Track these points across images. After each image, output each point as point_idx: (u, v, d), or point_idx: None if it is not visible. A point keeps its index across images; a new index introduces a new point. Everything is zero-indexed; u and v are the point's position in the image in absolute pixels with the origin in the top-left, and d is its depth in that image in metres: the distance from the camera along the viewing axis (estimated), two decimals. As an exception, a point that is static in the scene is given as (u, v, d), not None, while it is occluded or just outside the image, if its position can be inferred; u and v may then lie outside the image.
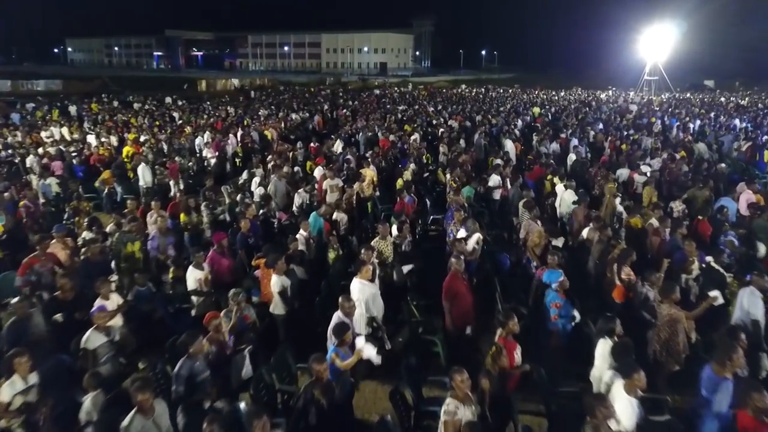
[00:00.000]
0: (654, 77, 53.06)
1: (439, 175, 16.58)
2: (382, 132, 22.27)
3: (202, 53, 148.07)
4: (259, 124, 24.61)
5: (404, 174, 14.50)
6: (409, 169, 14.86)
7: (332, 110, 34.50)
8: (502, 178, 13.85)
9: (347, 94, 51.65)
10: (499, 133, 23.94)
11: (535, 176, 15.29)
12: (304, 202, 12.39)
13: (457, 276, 7.37)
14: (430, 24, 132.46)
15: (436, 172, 16.70)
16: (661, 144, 21.36)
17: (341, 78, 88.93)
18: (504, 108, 35.62)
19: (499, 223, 13.80)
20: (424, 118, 29.20)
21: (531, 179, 15.27)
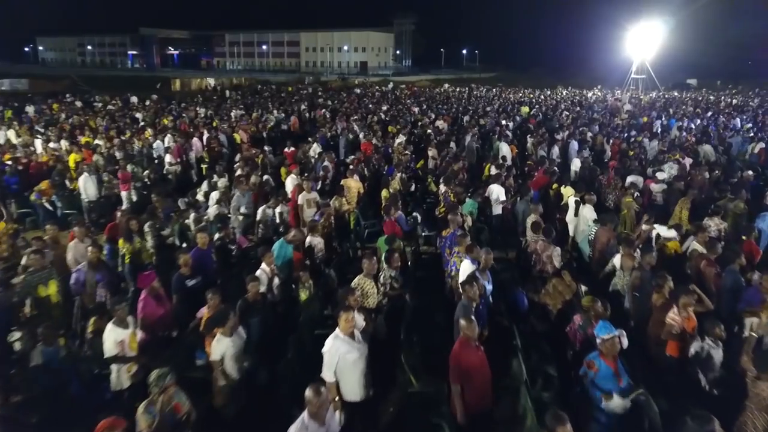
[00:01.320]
0: (641, 76, 51.81)
1: (429, 182, 14.73)
2: (364, 134, 20.33)
3: (178, 52, 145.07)
4: (228, 125, 22.44)
5: (391, 184, 12.59)
6: (397, 178, 12.93)
7: (310, 110, 32.38)
8: (504, 188, 12.01)
9: (327, 94, 49.52)
10: (489, 134, 22.16)
11: (539, 185, 13.49)
12: (269, 220, 10.38)
13: (468, 345, 5.39)
14: (411, 23, 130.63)
15: (425, 181, 14.84)
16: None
17: (321, 77, 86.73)
18: (491, 107, 33.86)
19: (500, 241, 11.98)
20: (408, 118, 27.29)
21: (534, 188, 13.45)
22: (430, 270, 9.97)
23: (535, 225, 9.08)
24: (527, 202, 10.70)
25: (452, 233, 8.54)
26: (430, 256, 11.49)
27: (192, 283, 7.23)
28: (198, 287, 7.15)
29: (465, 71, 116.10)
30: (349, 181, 12.20)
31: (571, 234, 11.31)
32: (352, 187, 12.08)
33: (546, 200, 13.26)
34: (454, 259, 7.96)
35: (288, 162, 14.80)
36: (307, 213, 10.42)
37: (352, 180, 12.26)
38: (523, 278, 8.76)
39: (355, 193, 12.09)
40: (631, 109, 34.35)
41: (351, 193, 12.04)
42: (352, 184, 12.13)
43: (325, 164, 14.30)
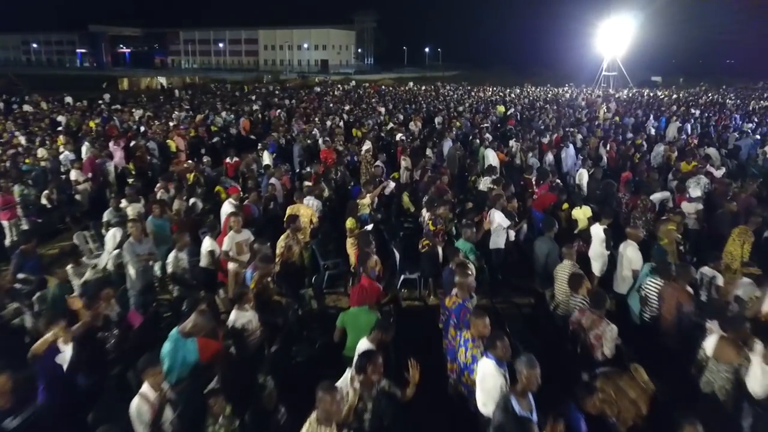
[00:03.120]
0: (612, 73, 50.17)
1: (404, 201, 11.80)
2: (324, 139, 17.26)
3: (130, 50, 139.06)
4: (161, 130, 19.00)
5: (360, 205, 9.62)
6: (366, 199, 9.94)
7: (264, 111, 29.02)
8: (505, 213, 9.14)
9: (284, 92, 46.10)
10: (468, 138, 19.39)
11: (543, 205, 10.70)
12: (187, 271, 7.26)
13: None
14: (372, 20, 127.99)
15: (399, 198, 11.93)
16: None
17: (280, 76, 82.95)
18: (464, 107, 31.13)
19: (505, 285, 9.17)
20: (375, 120, 24.27)
21: (537, 209, 10.67)
22: (416, 331, 7.00)
23: (574, 280, 6.22)
24: (551, 240, 7.79)
25: (460, 304, 5.60)
26: (414, 309, 8.56)
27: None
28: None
29: (428, 69, 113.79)
30: (299, 208, 9.17)
31: (596, 273, 8.56)
32: (303, 213, 9.06)
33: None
34: (469, 354, 4.99)
35: (230, 177, 11.59)
36: (234, 269, 7.33)
37: (301, 205, 9.23)
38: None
39: (307, 221, 9.07)
40: (613, 107, 32.14)
41: (302, 220, 9.05)
42: (302, 211, 9.11)
43: (272, 182, 11.19)
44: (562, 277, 6.56)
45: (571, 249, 6.85)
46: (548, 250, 7.46)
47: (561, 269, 6.73)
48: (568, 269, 6.61)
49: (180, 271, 7.21)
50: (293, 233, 7.63)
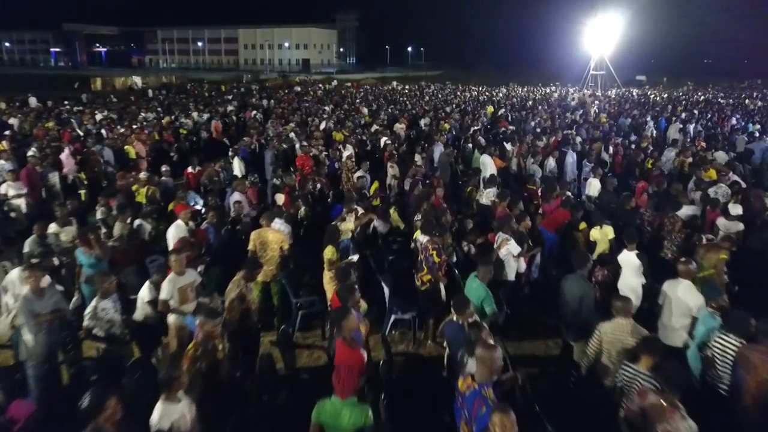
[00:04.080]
0: (600, 72, 49.02)
1: (392, 216, 10.17)
2: (302, 143, 15.56)
3: (106, 49, 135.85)
4: (118, 134, 17.12)
5: (342, 229, 7.97)
6: (349, 224, 8.29)
7: (239, 112, 27.17)
8: (515, 237, 7.56)
9: (261, 92, 44.15)
10: (459, 142, 17.84)
11: (556, 224, 9.15)
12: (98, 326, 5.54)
13: None
14: (354, 18, 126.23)
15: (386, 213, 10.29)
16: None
17: (260, 75, 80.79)
18: (451, 108, 29.58)
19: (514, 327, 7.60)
20: (357, 121, 22.59)
21: (548, 229, 9.12)
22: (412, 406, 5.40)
23: (644, 348, 4.62)
24: (584, 280, 6.16)
25: (475, 391, 3.97)
26: (407, 365, 6.95)
27: None
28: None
29: (411, 69, 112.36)
30: (265, 233, 7.50)
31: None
32: (271, 240, 7.40)
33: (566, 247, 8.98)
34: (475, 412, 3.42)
35: (182, 195, 9.79)
36: (177, 322, 5.65)
37: (269, 230, 7.55)
38: None
39: (276, 249, 7.41)
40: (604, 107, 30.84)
41: (269, 249, 7.39)
42: (270, 237, 7.44)
43: (235, 197, 9.48)
44: (613, 339, 4.99)
45: (627, 305, 5.23)
46: (582, 294, 5.86)
47: (613, 329, 5.11)
48: (627, 332, 5.00)
49: (103, 325, 5.49)
50: (247, 278, 5.90)
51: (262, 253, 7.32)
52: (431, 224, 7.31)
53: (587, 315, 5.58)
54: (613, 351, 5.01)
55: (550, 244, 8.98)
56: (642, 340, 4.82)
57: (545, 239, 8.97)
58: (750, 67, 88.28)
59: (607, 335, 5.11)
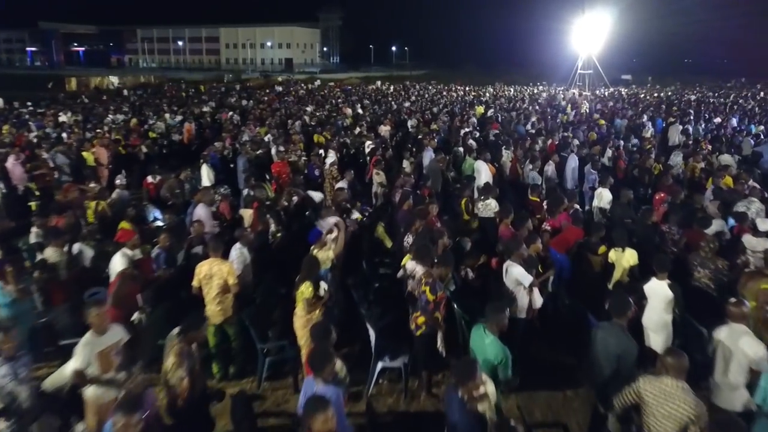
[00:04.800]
0: (588, 71, 48.17)
1: (378, 232, 8.93)
2: (278, 148, 14.21)
3: (84, 49, 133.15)
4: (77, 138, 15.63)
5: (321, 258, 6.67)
6: (329, 252, 6.97)
7: (216, 113, 25.67)
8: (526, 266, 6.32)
9: (244, 92, 42.63)
10: (449, 145, 16.61)
11: (567, 244, 7.94)
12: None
13: None
14: (338, 18, 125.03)
15: (373, 230, 9.03)
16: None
17: (241, 75, 79.05)
18: (438, 108, 28.37)
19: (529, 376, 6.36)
20: (340, 123, 21.26)
21: (558, 250, 7.90)
22: None
23: None
24: (623, 332, 4.85)
25: None
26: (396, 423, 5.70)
27: None
28: None
29: (395, 69, 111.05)
30: (209, 267, 6.20)
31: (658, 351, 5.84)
32: (215, 273, 6.12)
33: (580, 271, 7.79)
34: None
35: (132, 212, 8.39)
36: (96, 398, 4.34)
37: (214, 262, 6.25)
38: None
39: (219, 285, 6.13)
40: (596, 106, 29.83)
41: (214, 285, 6.11)
42: (215, 270, 6.16)
43: (197, 214, 8.14)
44: (655, 401, 3.78)
45: (680, 362, 4.01)
46: (622, 351, 4.59)
47: (659, 392, 3.90)
48: (678, 399, 3.80)
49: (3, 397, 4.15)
50: (189, 340, 4.56)
51: (207, 290, 6.04)
52: (428, 252, 6.04)
53: (628, 378, 4.35)
54: (656, 413, 3.83)
55: (560, 268, 7.75)
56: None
57: (554, 262, 7.75)
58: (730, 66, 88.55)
59: (648, 395, 3.92)
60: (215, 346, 6.33)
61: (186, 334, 4.42)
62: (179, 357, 4.34)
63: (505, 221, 8.04)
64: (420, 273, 6.12)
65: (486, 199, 9.81)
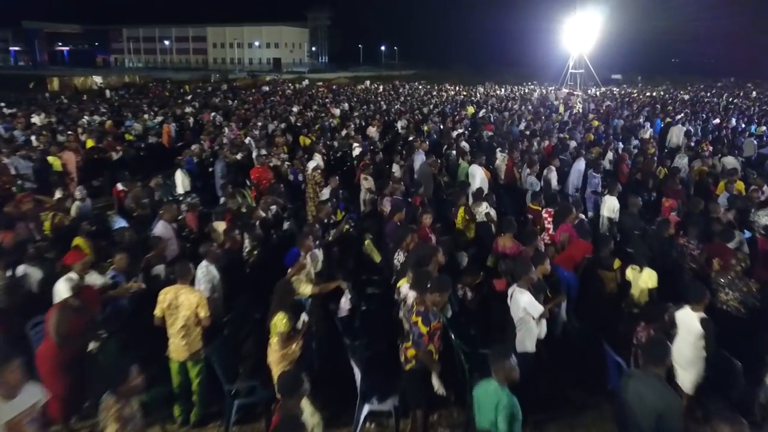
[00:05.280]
0: (579, 70, 47.52)
1: (366, 246, 8.09)
2: (260, 152, 13.32)
3: (68, 48, 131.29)
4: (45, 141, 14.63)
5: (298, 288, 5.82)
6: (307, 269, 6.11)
7: (198, 114, 24.64)
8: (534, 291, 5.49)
9: (226, 93, 41.56)
10: (440, 147, 15.82)
11: (574, 260, 7.14)
12: None
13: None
14: (326, 17, 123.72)
15: (360, 241, 8.20)
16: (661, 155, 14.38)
17: (228, 75, 77.75)
18: (428, 109, 27.54)
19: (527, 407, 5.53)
20: (327, 125, 20.38)
21: (566, 267, 7.10)
22: None
23: None
24: (661, 383, 3.97)
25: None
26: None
27: None
28: None
29: (385, 68, 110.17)
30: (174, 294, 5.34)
31: (687, 390, 5.08)
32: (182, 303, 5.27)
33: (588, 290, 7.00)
34: None
35: (87, 228, 7.46)
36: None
37: (181, 289, 5.38)
38: None
39: (189, 317, 5.26)
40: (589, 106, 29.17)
41: (180, 317, 5.25)
42: (182, 298, 5.29)
43: (157, 231, 7.23)
44: None
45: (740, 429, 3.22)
46: (663, 408, 3.72)
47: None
48: None
49: None
50: (124, 393, 3.65)
51: (172, 322, 5.18)
52: (424, 278, 5.17)
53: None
54: None
55: (566, 286, 6.96)
56: None
57: (561, 281, 6.95)
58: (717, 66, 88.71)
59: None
60: (178, 386, 5.47)
61: (120, 392, 3.55)
62: (120, 423, 3.48)
63: (508, 235, 7.22)
64: (411, 299, 5.29)
65: (479, 206, 9.02)
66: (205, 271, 6.09)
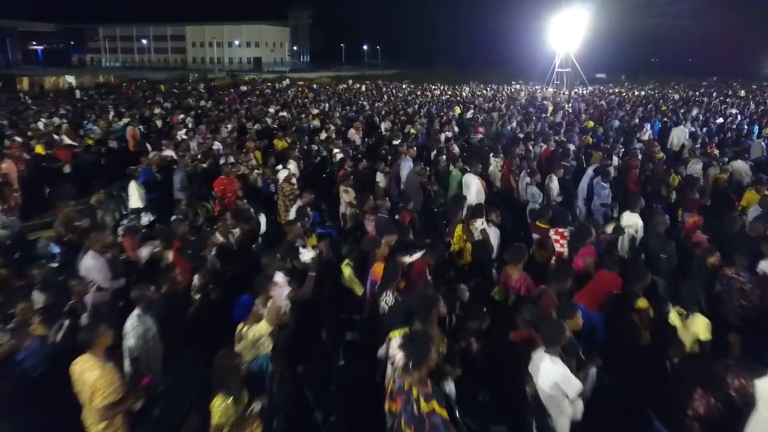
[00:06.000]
0: (566, 69, 46.54)
1: (345, 276, 6.73)
2: (228, 159, 11.87)
3: (43, 47, 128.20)
4: None
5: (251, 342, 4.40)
6: (263, 324, 4.69)
7: (168, 115, 23.00)
8: (566, 355, 4.15)
9: (206, 92, 39.88)
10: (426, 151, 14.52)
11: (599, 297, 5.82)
12: None
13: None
14: (307, 16, 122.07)
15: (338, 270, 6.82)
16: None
17: (207, 74, 75.74)
18: (413, 109, 26.17)
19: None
20: (306, 127, 18.91)
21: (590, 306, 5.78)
22: None
23: None
24: None
25: None
26: None
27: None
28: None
29: (367, 68, 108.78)
30: (82, 366, 3.93)
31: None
32: (86, 382, 3.86)
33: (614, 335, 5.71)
34: None
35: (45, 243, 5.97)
36: None
37: (93, 370, 3.95)
38: None
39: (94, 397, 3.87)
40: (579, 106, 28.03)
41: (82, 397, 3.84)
42: (86, 376, 3.89)
43: (85, 268, 5.77)
44: None
45: None
46: None
47: None
48: None
49: None
50: None
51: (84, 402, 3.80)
52: (422, 349, 3.79)
53: None
54: None
55: (590, 329, 5.63)
56: None
57: (584, 321, 5.61)
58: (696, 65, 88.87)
59: None
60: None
61: None
62: None
63: (517, 268, 5.89)
64: (401, 362, 3.91)
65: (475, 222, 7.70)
66: (136, 322, 4.67)
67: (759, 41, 76.21)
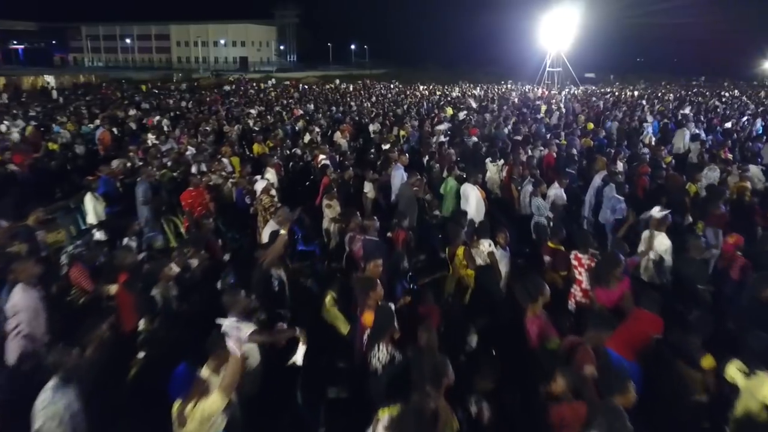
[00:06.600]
0: (557, 68, 45.83)
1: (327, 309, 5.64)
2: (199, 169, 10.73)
3: (23, 47, 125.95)
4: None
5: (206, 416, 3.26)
6: (219, 392, 3.59)
7: (144, 117, 21.71)
8: None
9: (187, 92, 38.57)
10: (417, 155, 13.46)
11: (637, 343, 4.76)
12: None
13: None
14: (294, 15, 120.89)
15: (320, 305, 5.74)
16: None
17: (192, 74, 74.22)
18: (403, 110, 25.10)
19: None
20: (290, 129, 17.76)
21: (626, 355, 4.71)
22: None
23: None
24: None
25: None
26: None
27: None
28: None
29: (355, 67, 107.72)
30: None
31: None
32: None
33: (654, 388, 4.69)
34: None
35: None
36: None
37: None
38: None
39: None
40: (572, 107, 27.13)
41: None
42: None
43: (11, 307, 4.64)
44: None
45: None
46: None
47: None
48: None
49: None
50: None
51: None
52: None
53: None
54: None
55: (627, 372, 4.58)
56: None
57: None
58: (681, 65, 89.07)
59: None
60: None
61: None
62: None
63: (535, 306, 4.82)
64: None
65: (480, 244, 6.65)
66: (49, 398, 3.54)
67: (744, 41, 76.15)
